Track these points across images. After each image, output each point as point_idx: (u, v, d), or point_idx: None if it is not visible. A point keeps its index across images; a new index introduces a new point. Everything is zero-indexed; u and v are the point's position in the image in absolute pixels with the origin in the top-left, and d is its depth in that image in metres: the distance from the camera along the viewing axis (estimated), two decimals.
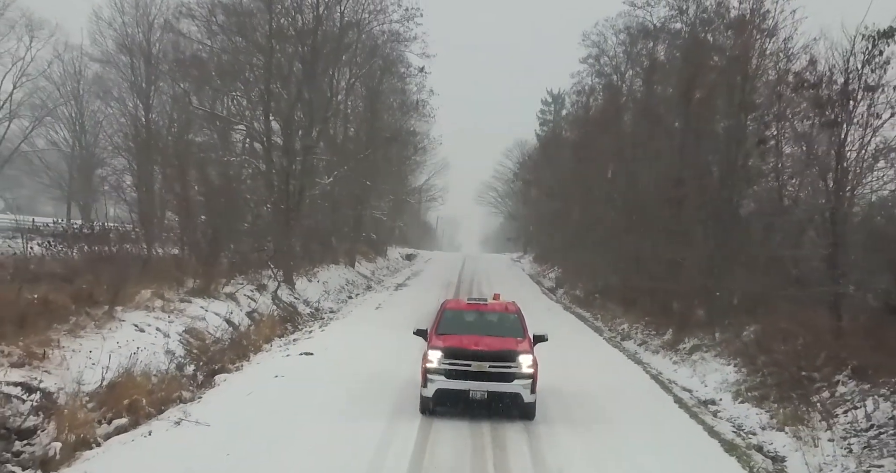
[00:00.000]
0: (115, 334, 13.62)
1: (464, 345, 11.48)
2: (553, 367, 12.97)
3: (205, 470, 8.32)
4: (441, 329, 12.36)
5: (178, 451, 9.01)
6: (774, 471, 10.14)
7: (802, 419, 11.60)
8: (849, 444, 10.28)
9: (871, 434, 10.28)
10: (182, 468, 8.30)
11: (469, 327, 12.47)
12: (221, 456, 8.87)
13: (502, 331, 12.29)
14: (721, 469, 9.72)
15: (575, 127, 44.99)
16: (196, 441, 9.41)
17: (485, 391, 11.10)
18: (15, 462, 8.96)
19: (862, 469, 9.47)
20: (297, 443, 9.49)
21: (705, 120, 21.71)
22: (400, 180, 49.61)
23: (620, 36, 41.92)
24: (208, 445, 9.30)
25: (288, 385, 13.02)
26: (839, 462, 9.88)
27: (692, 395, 14.60)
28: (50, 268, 16.98)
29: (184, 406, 11.50)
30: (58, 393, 10.38)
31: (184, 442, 9.39)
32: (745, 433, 11.97)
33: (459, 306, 13.40)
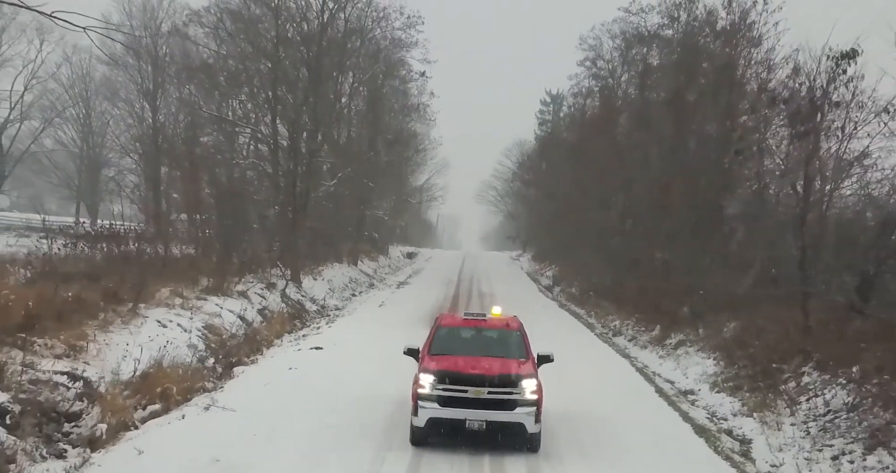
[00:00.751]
0: (140, 329, 14.80)
1: (459, 368, 10.20)
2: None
3: (235, 448, 9.48)
4: (434, 348, 11.03)
5: (210, 432, 10.21)
6: (740, 452, 11.34)
7: (769, 406, 12.80)
8: (807, 427, 11.48)
9: (827, 418, 11.47)
10: (215, 446, 9.47)
11: (465, 346, 11.19)
12: (248, 436, 10.05)
13: (503, 351, 11.03)
14: (688, 448, 10.89)
15: (572, 130, 46.16)
16: (225, 424, 10.60)
17: (483, 420, 9.84)
18: (65, 440, 10.14)
19: (815, 448, 10.65)
20: (312, 428, 10.67)
21: (693, 126, 22.90)
22: (401, 180, 50.73)
23: (616, 41, 43.12)
24: (236, 427, 10.49)
25: (301, 376, 14.19)
26: (797, 443, 11.08)
27: (673, 386, 15.80)
28: (75, 268, 18.21)
29: (209, 394, 12.67)
30: (98, 382, 11.58)
31: (214, 425, 10.58)
32: (718, 419, 13.18)
33: (455, 322, 11.91)
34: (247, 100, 33.33)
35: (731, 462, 10.47)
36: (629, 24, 40.82)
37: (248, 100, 31.76)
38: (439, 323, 11.87)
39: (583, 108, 45.52)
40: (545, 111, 74.95)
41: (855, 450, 10.10)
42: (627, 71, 42.97)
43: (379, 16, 34.04)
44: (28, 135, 49.77)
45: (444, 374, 10.10)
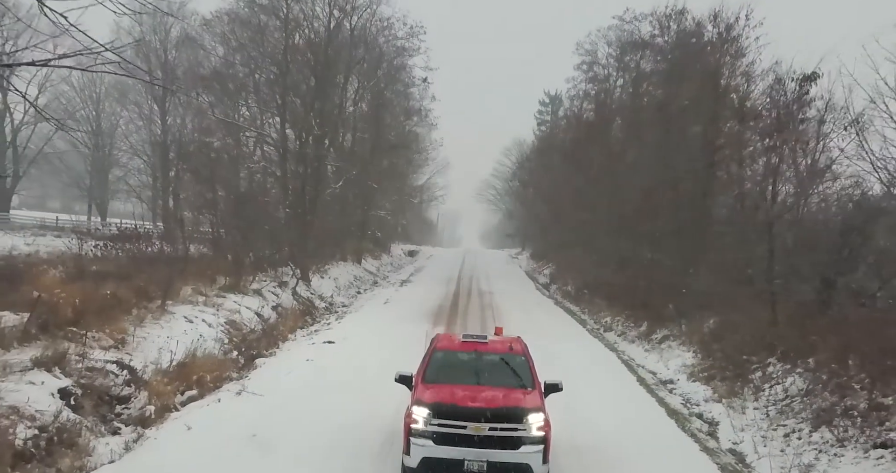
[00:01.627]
0: (170, 324, 16.36)
1: (457, 400, 9.16)
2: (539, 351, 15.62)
3: (267, 426, 11.02)
4: (429, 375, 9.96)
5: (243, 413, 11.76)
6: (707, 432, 12.89)
7: (737, 393, 14.34)
8: (767, 411, 13.02)
9: (784, 402, 13.01)
10: (250, 424, 11.02)
11: (464, 373, 10.04)
12: (277, 416, 11.60)
13: (506, 379, 9.91)
14: (659, 427, 12.44)
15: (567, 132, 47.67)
16: (255, 406, 12.15)
17: (484, 461, 8.84)
18: (119, 420, 11.70)
19: (771, 428, 12.20)
20: (330, 408, 12.20)
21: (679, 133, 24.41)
22: (403, 181, 52.22)
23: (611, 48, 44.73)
24: (265, 409, 12.03)
25: (318, 367, 15.74)
26: (757, 423, 12.62)
27: (655, 376, 17.35)
28: (105, 267, 19.75)
29: (237, 382, 14.21)
30: (143, 370, 13.14)
31: (246, 407, 12.13)
32: (691, 404, 14.72)
33: (452, 345, 10.69)
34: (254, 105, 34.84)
35: (696, 438, 12.03)
36: (623, 31, 42.56)
37: (256, 105, 33.22)
38: (435, 346, 10.61)
39: (579, 113, 47.11)
40: (544, 111, 76.47)
41: (803, 429, 11.65)
42: (622, 75, 44.64)
43: (383, 25, 35.55)
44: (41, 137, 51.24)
45: (440, 407, 9.01)
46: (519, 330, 20.97)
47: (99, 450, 10.32)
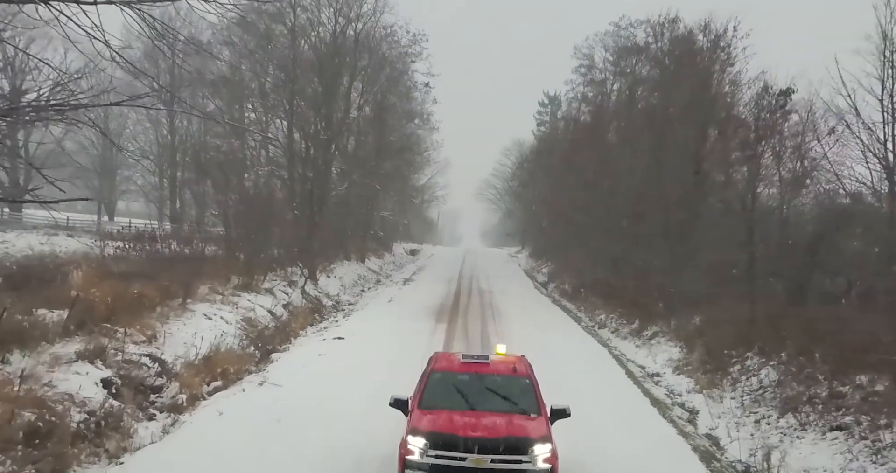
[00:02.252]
0: (192, 321, 17.60)
1: (456, 429, 8.52)
2: (534, 348, 16.83)
3: (290, 412, 12.27)
4: (426, 400, 9.26)
5: (267, 401, 13.01)
6: (687, 419, 14.14)
7: (717, 384, 15.61)
8: (742, 400, 14.27)
9: (758, 392, 14.27)
10: (274, 410, 12.28)
11: (464, 397, 9.29)
12: (297, 404, 12.84)
13: (509, 404, 9.20)
14: (642, 415, 13.69)
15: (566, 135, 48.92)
16: (277, 396, 13.39)
17: None
18: (154, 407, 12.96)
19: (744, 415, 13.46)
20: (345, 397, 13.45)
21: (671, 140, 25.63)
22: (405, 182, 53.43)
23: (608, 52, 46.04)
24: (285, 397, 13.28)
25: (330, 360, 17.00)
26: (732, 411, 13.87)
27: (643, 370, 18.60)
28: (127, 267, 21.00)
29: (257, 374, 15.46)
30: (173, 363, 14.41)
31: (269, 396, 13.38)
32: (675, 395, 15.98)
33: (451, 366, 9.91)
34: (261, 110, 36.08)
35: (675, 424, 13.28)
36: (620, 36, 43.86)
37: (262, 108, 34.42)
38: (432, 367, 9.90)
39: (576, 115, 48.39)
40: (543, 112, 77.67)
41: (772, 415, 12.91)
42: (618, 79, 45.89)
43: (386, 32, 36.75)
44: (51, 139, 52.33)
45: (438, 437, 8.38)
46: (517, 328, 22.39)
47: (140, 433, 11.56)
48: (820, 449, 10.87)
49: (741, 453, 11.71)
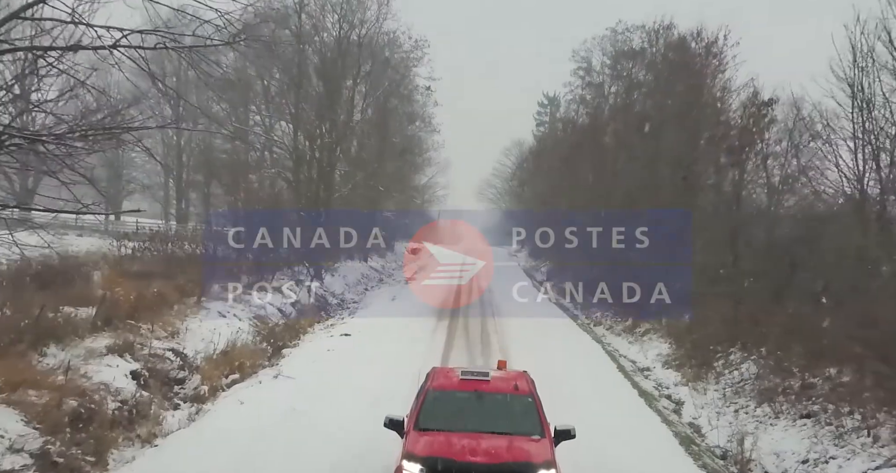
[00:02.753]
0: (207, 319, 18.64)
1: (455, 454, 8.10)
2: (532, 345, 17.92)
3: (303, 402, 13.30)
4: (423, 420, 8.70)
5: (282, 391, 14.07)
6: (673, 409, 15.18)
7: (702, 378, 16.63)
8: (724, 392, 15.30)
9: (739, 385, 15.30)
10: (289, 400, 13.32)
11: (463, 417, 8.76)
12: (310, 395, 13.88)
13: (510, 424, 8.71)
14: (630, 405, 14.73)
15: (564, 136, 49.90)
16: (291, 387, 14.45)
17: None
18: (178, 397, 14.00)
19: (725, 405, 14.50)
20: (353, 388, 14.48)
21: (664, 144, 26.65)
22: (406, 183, 54.44)
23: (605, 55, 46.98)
24: (299, 388, 14.34)
25: (338, 355, 18.05)
26: (714, 402, 14.90)
27: (634, 364, 19.63)
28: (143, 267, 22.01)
29: (271, 368, 16.51)
30: (193, 357, 15.46)
31: (283, 387, 14.44)
32: (662, 387, 17.01)
33: (449, 383, 9.33)
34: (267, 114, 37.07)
35: (660, 414, 14.31)
36: (616, 41, 44.78)
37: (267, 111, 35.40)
38: (430, 385, 9.30)
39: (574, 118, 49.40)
40: (542, 112, 78.59)
41: (750, 405, 13.94)
42: (615, 82, 46.87)
43: (389, 38, 37.74)
44: None
45: (435, 463, 7.97)
46: (515, 325, 23.35)
47: (168, 420, 12.61)
48: (790, 435, 11.90)
49: (720, 439, 12.75)
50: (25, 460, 9.33)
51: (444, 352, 18.89)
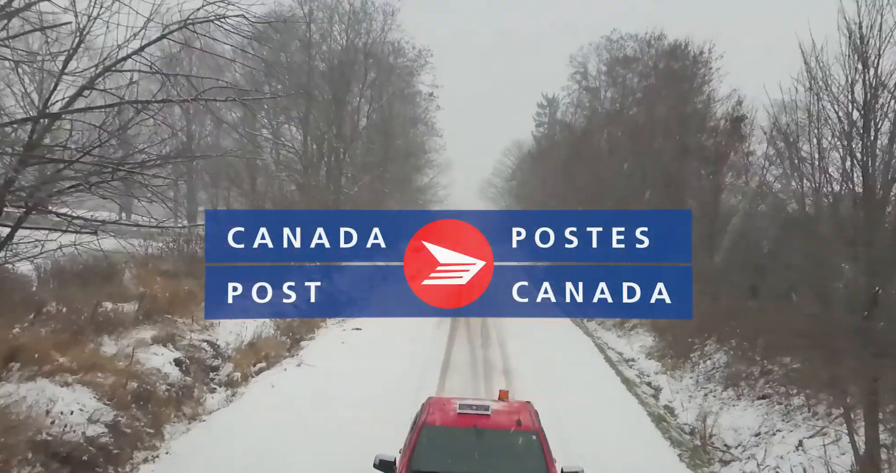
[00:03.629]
0: None
1: None
2: (526, 339, 19.73)
3: (327, 386, 15.21)
4: (416, 462, 7.91)
5: (304, 378, 15.99)
6: (651, 394, 17.07)
7: (679, 367, 18.51)
8: (697, 379, 17.17)
9: (711, 373, 17.18)
10: (314, 384, 15.23)
11: (461, 458, 7.98)
12: (330, 378, 15.79)
13: (512, 466, 7.99)
14: (612, 390, 16.63)
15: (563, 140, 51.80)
16: (313, 374, 16.38)
17: None
18: (214, 382, 15.89)
19: (697, 390, 16.37)
20: (367, 373, 16.37)
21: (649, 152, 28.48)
22: (409, 184, 56.34)
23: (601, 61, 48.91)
24: (319, 375, 16.26)
25: (352, 346, 19.97)
26: (688, 388, 16.78)
27: (620, 356, 21.52)
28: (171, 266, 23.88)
29: (292, 358, 18.41)
30: (225, 348, 17.35)
31: (307, 374, 16.38)
32: (644, 375, 18.91)
33: (446, 418, 8.44)
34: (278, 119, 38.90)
35: (638, 398, 16.22)
36: (611, 48, 46.70)
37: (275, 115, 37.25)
38: (424, 419, 8.41)
39: (571, 121, 51.34)
40: (542, 113, 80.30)
41: (718, 389, 15.82)
42: (611, 87, 48.79)
43: (393, 48, 39.58)
44: None
45: None
46: (513, 321, 25.17)
47: (208, 402, 14.51)
48: (747, 413, 13.77)
49: (689, 418, 14.64)
50: (102, 429, 11.21)
51: (448, 344, 20.79)
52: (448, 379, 16.79)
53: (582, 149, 35.81)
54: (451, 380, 16.54)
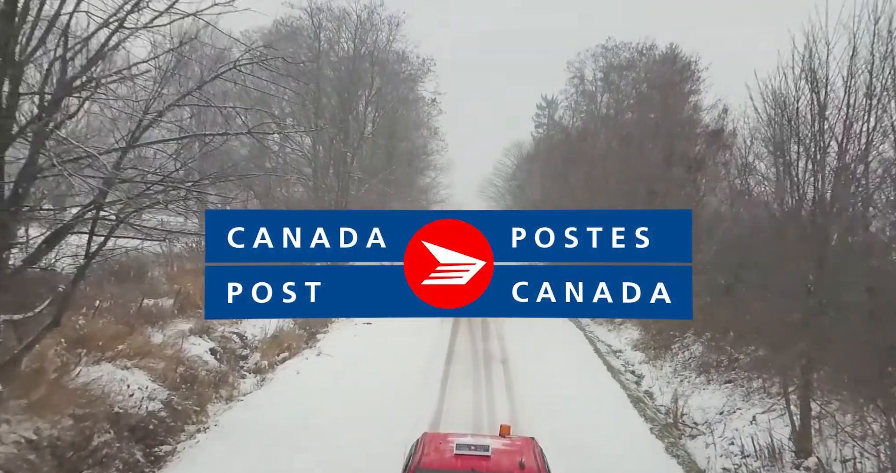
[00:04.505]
0: None
1: None
2: (525, 332, 21.63)
3: (342, 372, 17.19)
4: None
5: (326, 365, 17.97)
6: (634, 381, 19.06)
7: (661, 357, 20.49)
8: (675, 368, 19.15)
9: (687, 362, 19.16)
10: (334, 371, 17.22)
11: None
12: (348, 367, 17.76)
13: None
14: (598, 377, 18.62)
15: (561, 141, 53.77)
16: (332, 362, 18.35)
17: None
18: (244, 370, 17.89)
19: (674, 377, 18.35)
20: (382, 359, 18.33)
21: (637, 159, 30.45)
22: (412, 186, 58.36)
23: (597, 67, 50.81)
24: (338, 363, 18.24)
25: (364, 338, 21.95)
26: (667, 375, 18.76)
27: (609, 348, 23.51)
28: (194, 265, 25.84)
29: (311, 349, 20.40)
30: (251, 339, 19.34)
31: (326, 362, 18.36)
32: (628, 365, 20.90)
33: (441, 460, 7.46)
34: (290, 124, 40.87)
35: (621, 383, 18.21)
36: (607, 55, 48.60)
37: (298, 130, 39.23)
38: (418, 461, 7.53)
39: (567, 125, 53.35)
40: (541, 114, 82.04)
41: (692, 376, 17.80)
42: (606, 92, 50.76)
43: (399, 56, 41.55)
44: None
45: None
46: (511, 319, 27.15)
47: (242, 386, 16.50)
48: (714, 396, 15.74)
49: (665, 400, 16.61)
50: (159, 406, 13.21)
51: (451, 337, 22.77)
52: (452, 365, 18.78)
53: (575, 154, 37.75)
54: (454, 367, 18.53)
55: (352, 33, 39.65)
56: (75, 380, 11.79)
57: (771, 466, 11.60)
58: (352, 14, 39.29)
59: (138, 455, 11.69)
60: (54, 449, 10.20)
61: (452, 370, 18.21)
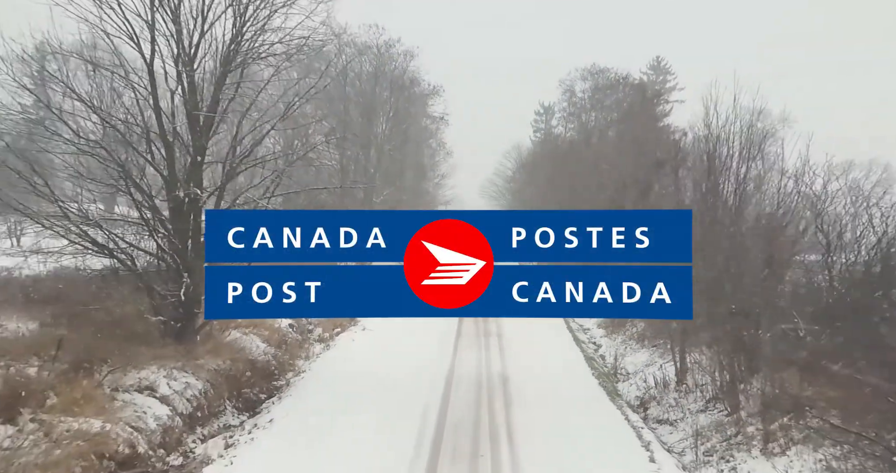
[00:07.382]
0: None
1: None
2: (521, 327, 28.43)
3: (385, 341, 24.15)
4: None
5: (372, 337, 25.00)
6: (593, 349, 25.98)
7: (616, 332, 27.40)
8: (624, 340, 26.03)
9: (633, 334, 26.05)
10: (377, 340, 24.24)
11: None
12: (388, 338, 24.68)
13: None
14: (565, 345, 25.53)
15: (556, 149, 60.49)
16: (375, 335, 25.33)
17: None
18: (311, 340, 24.86)
19: (622, 344, 25.23)
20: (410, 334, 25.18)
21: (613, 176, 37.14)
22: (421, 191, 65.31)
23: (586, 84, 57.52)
24: (380, 335, 25.21)
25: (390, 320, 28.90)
26: (616, 344, 25.63)
27: (580, 326, 30.42)
28: None
29: (356, 327, 27.36)
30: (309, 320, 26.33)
31: (371, 335, 25.37)
32: (591, 338, 27.83)
33: None
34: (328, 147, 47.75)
35: (581, 348, 25.15)
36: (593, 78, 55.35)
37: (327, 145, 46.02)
38: None
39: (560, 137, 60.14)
40: (539, 120, 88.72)
41: (633, 343, 24.70)
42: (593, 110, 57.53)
43: (412, 80, 48.50)
44: None
45: None
46: None
47: (313, 349, 23.49)
48: (643, 355, 22.65)
49: (610, 360, 23.54)
50: (270, 358, 20.19)
51: (459, 321, 29.67)
52: (461, 339, 25.72)
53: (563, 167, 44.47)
54: (462, 340, 25.46)
55: (372, 64, 46.45)
56: (227, 339, 18.83)
57: (664, 390, 18.54)
58: (372, 47, 46.17)
59: (265, 385, 18.73)
60: (227, 376, 17.21)
61: (461, 342, 25.13)
